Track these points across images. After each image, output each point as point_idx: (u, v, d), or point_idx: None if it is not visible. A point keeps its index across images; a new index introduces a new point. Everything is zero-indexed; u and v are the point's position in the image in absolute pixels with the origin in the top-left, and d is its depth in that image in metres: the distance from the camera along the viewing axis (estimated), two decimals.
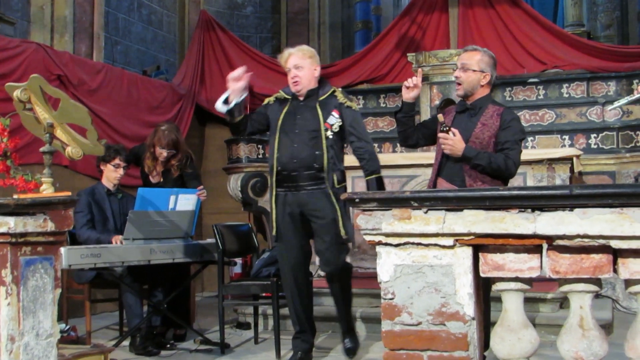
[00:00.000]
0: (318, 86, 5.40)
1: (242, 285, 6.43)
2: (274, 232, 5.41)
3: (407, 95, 4.86)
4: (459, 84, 4.76)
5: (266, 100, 5.58)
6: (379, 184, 5.32)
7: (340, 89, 5.47)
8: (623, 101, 5.00)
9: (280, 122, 5.30)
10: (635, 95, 4.70)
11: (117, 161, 6.33)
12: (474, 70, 4.71)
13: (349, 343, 5.55)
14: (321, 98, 5.33)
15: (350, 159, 5.81)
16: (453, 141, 4.52)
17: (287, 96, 5.41)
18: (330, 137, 5.24)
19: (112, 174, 6.36)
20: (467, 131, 4.66)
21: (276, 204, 5.34)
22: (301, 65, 5.26)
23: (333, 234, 5.21)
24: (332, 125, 5.24)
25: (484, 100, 4.77)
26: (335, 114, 5.27)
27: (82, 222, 6.15)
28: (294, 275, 5.36)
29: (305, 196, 5.23)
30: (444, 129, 4.59)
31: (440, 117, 4.72)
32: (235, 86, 5.13)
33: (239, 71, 5.16)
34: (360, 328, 6.62)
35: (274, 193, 5.34)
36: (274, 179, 5.32)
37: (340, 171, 5.35)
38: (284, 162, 5.24)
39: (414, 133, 5.02)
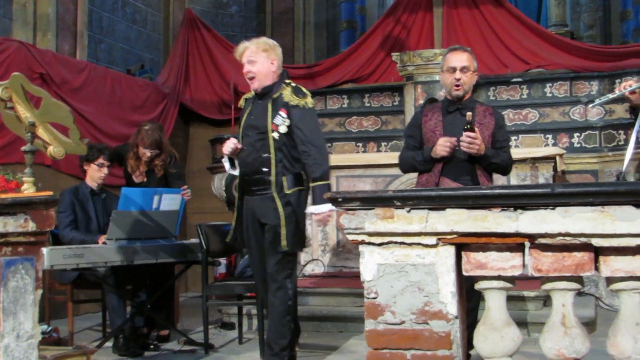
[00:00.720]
0: (276, 82, 4.99)
1: (226, 286, 6.41)
2: (227, 239, 5.21)
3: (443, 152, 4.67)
4: (459, 86, 4.73)
5: (240, 102, 5.35)
6: (322, 192, 4.72)
7: (292, 85, 4.99)
8: (604, 99, 5.00)
9: (242, 123, 5.09)
10: (617, 93, 4.70)
11: (100, 160, 6.30)
12: (473, 72, 4.80)
13: None
14: (275, 96, 4.92)
15: (334, 158, 5.82)
16: (480, 144, 4.56)
17: (251, 95, 5.15)
18: (277, 138, 4.84)
19: (95, 174, 6.33)
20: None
21: (238, 211, 5.11)
22: (254, 59, 4.91)
23: (272, 245, 4.84)
24: (279, 126, 4.84)
25: (472, 100, 4.88)
26: (282, 113, 4.85)
27: (66, 223, 6.12)
28: (257, 279, 5.16)
29: (256, 202, 4.96)
30: (468, 127, 4.56)
31: (469, 115, 4.61)
32: (230, 151, 4.96)
33: (232, 144, 4.94)
34: (345, 327, 6.63)
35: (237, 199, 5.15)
36: (238, 183, 5.14)
37: (293, 175, 4.91)
38: (241, 166, 5.05)
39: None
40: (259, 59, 4.93)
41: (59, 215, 6.07)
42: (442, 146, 4.60)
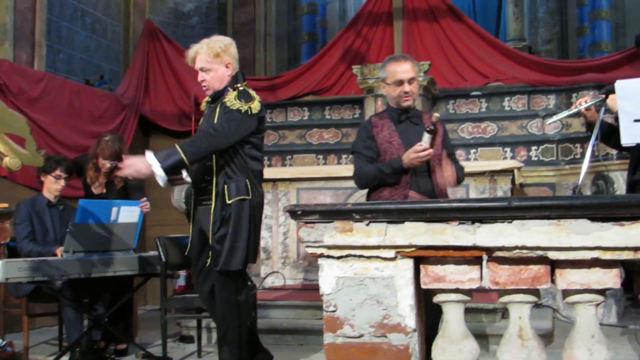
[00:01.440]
0: (227, 85, 4.77)
1: (186, 299, 6.36)
2: (187, 252, 4.99)
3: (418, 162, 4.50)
4: (409, 97, 4.63)
5: (202, 106, 5.09)
6: (175, 163, 4.49)
7: (239, 90, 4.70)
8: (561, 115, 5.05)
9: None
10: (573, 109, 4.76)
11: (58, 172, 6.23)
12: (417, 78, 4.74)
13: None
14: (224, 100, 4.69)
15: (294, 170, 5.80)
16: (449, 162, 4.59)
17: (209, 99, 4.96)
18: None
19: (53, 186, 6.26)
20: (419, 139, 4.45)
21: (192, 222, 4.92)
22: (208, 67, 4.71)
23: (212, 262, 4.63)
24: None
25: (416, 109, 4.83)
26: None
27: (23, 235, 6.04)
28: (203, 297, 4.91)
29: (200, 213, 4.81)
30: (430, 128, 4.43)
31: (435, 116, 4.52)
32: None
33: None
34: (306, 340, 6.61)
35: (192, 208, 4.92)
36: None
37: (236, 183, 4.62)
38: (190, 174, 4.87)
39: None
40: (213, 66, 4.73)
41: (16, 227, 5.99)
42: (416, 155, 4.36)
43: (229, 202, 4.58)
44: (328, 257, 2.87)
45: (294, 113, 10.39)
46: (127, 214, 5.98)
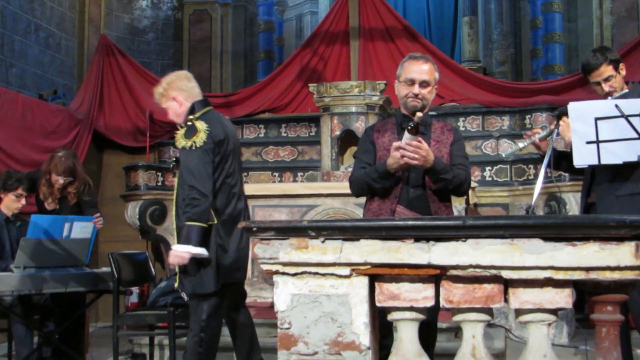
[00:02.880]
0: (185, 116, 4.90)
1: (138, 315, 6.30)
2: None
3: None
4: (417, 100, 4.22)
5: None
6: (187, 235, 4.59)
7: (187, 125, 4.78)
8: (516, 148, 5.08)
9: None
10: (527, 142, 4.81)
11: (19, 191, 6.16)
12: (434, 85, 4.32)
13: None
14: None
15: (250, 188, 5.77)
16: (427, 151, 3.96)
17: None
18: (178, 176, 4.83)
19: (12, 204, 6.18)
20: None
21: None
22: (164, 107, 5.01)
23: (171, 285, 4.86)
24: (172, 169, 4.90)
25: (428, 116, 4.33)
26: (178, 155, 4.88)
27: None
28: None
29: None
30: (411, 126, 3.98)
31: (418, 116, 4.08)
32: None
33: None
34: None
35: None
36: None
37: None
38: None
39: None
40: (165, 105, 4.97)
41: None
42: (393, 156, 4.00)
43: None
44: (283, 274, 2.86)
45: (250, 130, 10.39)
46: (80, 229, 5.93)
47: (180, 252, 4.59)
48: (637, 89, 4.59)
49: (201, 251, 4.62)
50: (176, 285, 4.77)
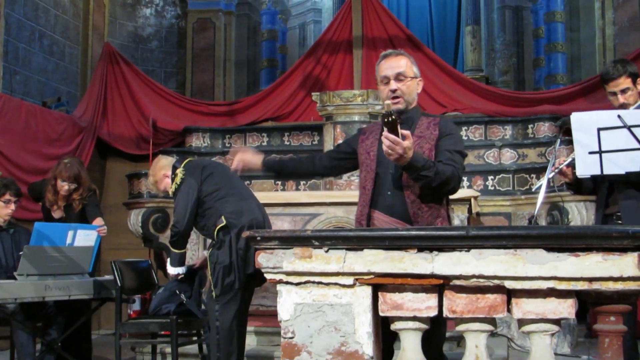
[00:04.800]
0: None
1: (141, 323, 6.29)
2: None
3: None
4: (398, 97, 3.99)
5: None
6: (173, 256, 5.65)
7: (176, 174, 5.58)
8: (545, 179, 5.00)
9: None
10: (554, 172, 4.78)
11: (7, 197, 6.13)
12: (412, 77, 4.07)
13: None
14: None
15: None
16: (404, 147, 3.56)
17: None
18: None
19: (2, 210, 6.16)
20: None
21: None
22: (163, 186, 5.79)
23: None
24: None
25: (416, 111, 4.10)
26: None
27: None
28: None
29: None
30: (393, 118, 3.56)
31: (387, 104, 3.69)
32: None
33: None
34: None
35: None
36: None
37: (209, 234, 5.50)
38: None
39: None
40: (163, 183, 5.73)
41: None
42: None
43: (209, 249, 5.36)
44: (287, 283, 2.87)
45: (253, 138, 10.39)
46: (84, 237, 5.93)
47: (173, 274, 5.73)
48: None
49: (181, 270, 5.71)
50: (212, 290, 5.24)
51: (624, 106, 4.56)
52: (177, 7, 12.78)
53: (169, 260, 5.71)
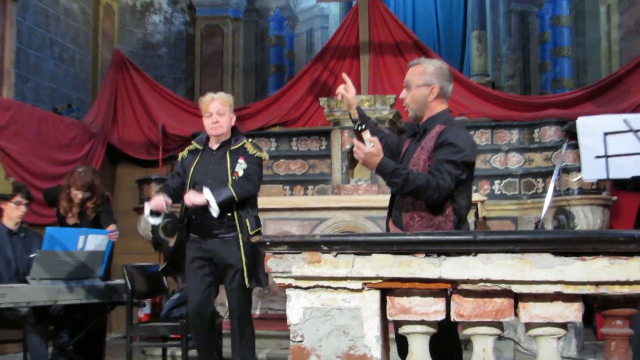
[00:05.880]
0: (230, 136, 5.34)
1: (151, 327, 6.32)
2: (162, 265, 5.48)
3: (349, 107, 4.46)
4: (405, 107, 4.17)
5: (180, 156, 5.52)
6: (223, 196, 5.03)
7: (250, 141, 5.37)
8: (550, 189, 5.00)
9: (191, 172, 5.26)
10: (552, 181, 4.79)
11: (17, 198, 6.20)
12: (418, 86, 4.08)
13: None
14: (232, 148, 5.28)
15: (261, 201, 5.80)
16: (366, 153, 3.81)
17: (199, 146, 5.37)
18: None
19: (13, 212, 6.22)
20: (410, 157, 4.06)
21: (184, 247, 5.33)
22: (223, 112, 5.21)
23: (239, 284, 5.14)
24: (239, 172, 5.18)
25: (435, 119, 4.07)
26: (242, 160, 5.22)
27: None
28: (197, 316, 5.27)
29: (216, 244, 5.19)
30: (359, 128, 4.04)
31: (353, 113, 4.24)
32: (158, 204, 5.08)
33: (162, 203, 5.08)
34: None
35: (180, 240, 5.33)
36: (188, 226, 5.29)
37: (254, 218, 5.29)
38: (197, 211, 5.15)
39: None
40: (226, 112, 5.27)
41: None
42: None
43: (251, 233, 5.14)
44: (296, 287, 2.87)
45: (261, 144, 10.37)
46: (95, 242, 5.96)
47: (201, 197, 5.02)
48: None
49: (216, 210, 5.03)
50: (247, 282, 5.13)
51: None
52: (185, 14, 12.81)
53: (217, 197, 5.03)
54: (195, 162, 5.27)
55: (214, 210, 4.99)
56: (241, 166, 5.18)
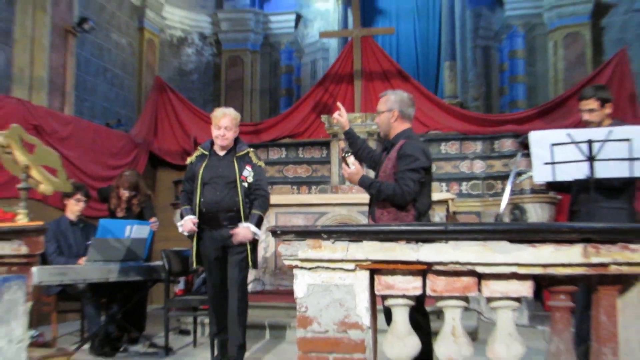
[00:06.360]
0: (235, 143, 5.27)
1: (185, 300, 6.32)
2: (193, 265, 5.29)
3: (342, 125, 4.65)
4: (379, 127, 4.44)
5: (188, 160, 5.40)
6: (259, 221, 5.08)
7: (252, 151, 5.31)
8: (507, 189, 5.01)
9: (200, 174, 5.14)
10: (509, 182, 4.81)
11: (78, 196, 6.23)
12: (383, 111, 4.34)
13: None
14: (238, 154, 5.20)
15: (274, 198, 5.84)
16: (349, 173, 4.23)
17: (205, 152, 5.26)
18: (245, 186, 5.10)
19: (74, 207, 6.25)
20: (381, 166, 4.30)
21: (200, 238, 5.21)
22: (230, 127, 5.15)
23: (240, 264, 5.06)
24: (247, 177, 5.10)
25: (399, 136, 4.30)
26: (248, 168, 5.14)
27: (52, 250, 5.99)
28: (215, 299, 5.23)
29: (225, 233, 5.08)
30: (344, 155, 4.30)
31: (340, 143, 4.56)
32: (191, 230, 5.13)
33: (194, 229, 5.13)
34: (280, 334, 6.58)
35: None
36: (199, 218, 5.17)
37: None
38: (209, 205, 5.08)
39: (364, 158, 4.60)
40: (233, 127, 5.19)
41: (46, 245, 5.92)
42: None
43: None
44: (301, 268, 2.87)
45: (274, 152, 10.41)
46: (139, 231, 5.96)
47: (250, 232, 5.03)
48: (614, 123, 4.53)
49: (259, 234, 5.13)
50: (251, 264, 5.11)
51: (588, 123, 4.54)
52: (213, 47, 12.81)
53: (257, 225, 5.08)
54: (204, 166, 5.17)
55: (257, 235, 5.08)
56: (250, 174, 5.12)
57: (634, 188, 4.48)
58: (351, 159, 4.25)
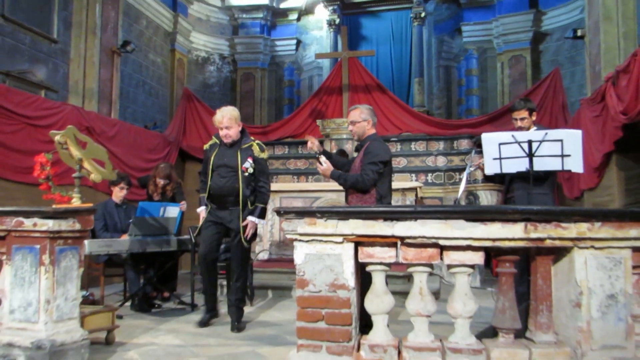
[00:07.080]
0: (240, 136, 4.98)
1: None
2: (198, 230, 5.12)
3: (317, 148, 4.68)
4: (354, 133, 4.46)
5: (205, 146, 5.14)
6: (262, 212, 4.91)
7: (257, 143, 4.99)
8: (468, 170, 5.00)
9: (212, 160, 4.96)
10: (472, 167, 4.80)
11: (121, 185, 6.19)
12: (360, 121, 4.40)
13: (234, 315, 4.96)
14: (243, 146, 4.92)
15: (278, 186, 5.80)
16: (322, 169, 4.36)
17: (217, 141, 5.03)
18: (246, 175, 4.84)
19: (118, 193, 6.21)
20: (353, 163, 4.43)
21: (209, 214, 5.02)
22: (230, 126, 4.88)
23: (238, 242, 4.87)
24: (247, 168, 4.84)
25: (367, 139, 4.40)
26: (250, 160, 4.87)
27: (99, 227, 5.96)
28: (204, 259, 4.98)
29: (226, 213, 4.91)
30: (316, 155, 4.47)
31: (313, 145, 4.61)
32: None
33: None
34: (283, 294, 6.57)
35: (208, 207, 5.02)
36: (208, 199, 5.01)
37: (254, 197, 4.93)
38: (215, 189, 4.91)
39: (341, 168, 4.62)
40: (233, 125, 4.91)
41: (95, 223, 5.89)
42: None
43: (250, 207, 4.91)
44: (300, 240, 2.87)
45: (279, 149, 10.37)
46: (171, 211, 5.94)
47: (257, 223, 4.90)
48: (538, 127, 4.53)
49: (263, 222, 5.02)
50: (244, 241, 4.87)
51: (520, 128, 4.53)
52: (230, 65, 12.74)
53: (260, 216, 4.93)
54: (215, 154, 4.96)
55: (262, 222, 4.95)
56: (251, 165, 4.87)
57: (554, 178, 4.50)
58: (323, 159, 4.42)
